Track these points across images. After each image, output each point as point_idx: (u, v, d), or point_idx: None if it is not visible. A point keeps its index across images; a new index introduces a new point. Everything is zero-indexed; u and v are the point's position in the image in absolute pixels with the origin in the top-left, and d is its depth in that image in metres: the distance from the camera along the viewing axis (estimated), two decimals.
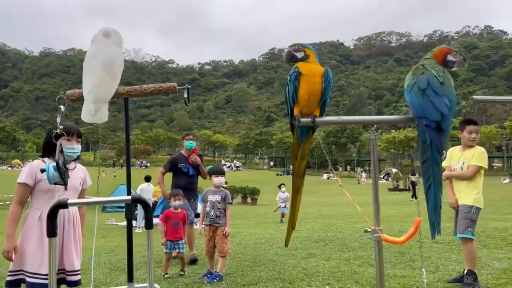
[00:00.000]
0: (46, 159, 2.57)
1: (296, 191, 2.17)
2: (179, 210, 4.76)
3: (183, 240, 4.69)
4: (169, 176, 5.56)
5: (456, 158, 3.89)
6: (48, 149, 2.59)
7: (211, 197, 4.44)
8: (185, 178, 5.42)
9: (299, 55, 2.03)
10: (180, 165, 5.44)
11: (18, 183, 2.51)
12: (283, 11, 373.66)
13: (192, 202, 5.49)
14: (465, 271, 3.72)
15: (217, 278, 4.17)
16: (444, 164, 3.99)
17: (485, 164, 3.76)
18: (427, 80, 1.86)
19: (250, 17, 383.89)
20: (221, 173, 4.54)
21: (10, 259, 2.44)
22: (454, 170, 3.89)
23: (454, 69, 1.98)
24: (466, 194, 3.74)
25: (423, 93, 1.85)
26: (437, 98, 1.81)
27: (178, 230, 4.65)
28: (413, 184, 20.47)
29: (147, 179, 11.81)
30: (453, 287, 3.70)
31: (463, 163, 3.81)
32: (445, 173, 3.92)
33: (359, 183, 34.52)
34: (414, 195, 19.11)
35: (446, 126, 1.83)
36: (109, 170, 45.79)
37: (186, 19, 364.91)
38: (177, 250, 4.61)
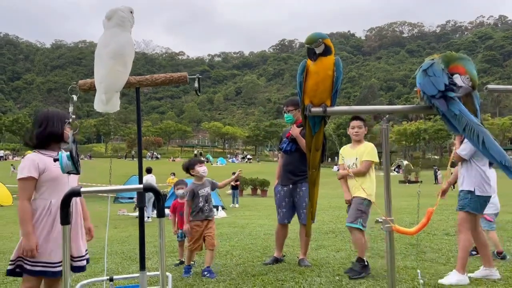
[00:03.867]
0: (43, 150, 2.54)
1: (313, 183, 2.17)
2: (185, 199, 4.81)
3: None
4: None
5: (349, 156, 4.10)
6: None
7: (202, 191, 4.19)
8: (284, 158, 4.45)
9: (319, 50, 1.90)
10: (283, 144, 4.48)
11: (22, 178, 2.42)
12: (293, 1, 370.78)
13: (293, 190, 4.34)
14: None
15: (208, 273, 3.98)
16: (339, 162, 4.28)
17: (376, 159, 4.02)
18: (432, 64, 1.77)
19: (260, 8, 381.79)
20: (203, 162, 4.41)
21: (33, 256, 2.39)
22: (348, 167, 4.09)
23: (455, 94, 1.67)
24: (361, 188, 3.94)
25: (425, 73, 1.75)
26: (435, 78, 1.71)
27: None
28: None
29: (149, 170, 11.98)
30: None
31: (356, 159, 4.03)
32: (340, 172, 4.18)
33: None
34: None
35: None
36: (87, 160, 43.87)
37: (196, 10, 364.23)
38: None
